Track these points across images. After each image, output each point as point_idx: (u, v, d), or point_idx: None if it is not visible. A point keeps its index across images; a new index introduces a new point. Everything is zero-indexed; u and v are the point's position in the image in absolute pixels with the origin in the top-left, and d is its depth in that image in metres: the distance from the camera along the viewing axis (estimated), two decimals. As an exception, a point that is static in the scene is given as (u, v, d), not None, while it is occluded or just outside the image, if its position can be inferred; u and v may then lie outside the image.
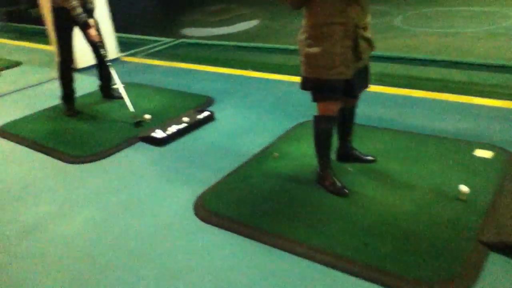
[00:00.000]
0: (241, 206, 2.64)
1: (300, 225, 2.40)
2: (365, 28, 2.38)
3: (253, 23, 10.09)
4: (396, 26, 8.62)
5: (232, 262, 2.21)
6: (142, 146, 3.56)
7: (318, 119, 2.61)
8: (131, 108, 3.97)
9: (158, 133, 3.57)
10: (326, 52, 2.34)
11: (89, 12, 4.00)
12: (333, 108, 2.54)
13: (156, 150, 3.48)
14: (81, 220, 2.68)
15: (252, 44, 6.46)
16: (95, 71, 4.51)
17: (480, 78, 4.25)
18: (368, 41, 2.42)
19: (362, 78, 2.55)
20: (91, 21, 3.96)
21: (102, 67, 4.38)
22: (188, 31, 9.96)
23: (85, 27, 3.94)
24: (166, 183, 3.00)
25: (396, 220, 2.36)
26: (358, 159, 2.92)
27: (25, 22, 10.03)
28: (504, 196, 2.41)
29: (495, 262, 2.05)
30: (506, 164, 2.73)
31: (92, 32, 3.96)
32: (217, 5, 13.11)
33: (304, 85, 2.52)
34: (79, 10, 3.81)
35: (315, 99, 2.53)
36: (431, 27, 8.25)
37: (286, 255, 2.22)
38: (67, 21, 3.96)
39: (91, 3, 4.05)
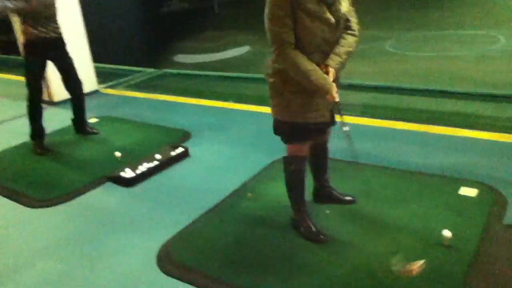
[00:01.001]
0: (209, 255, 2.46)
1: (273, 279, 2.22)
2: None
3: (244, 49, 10.10)
4: (387, 50, 8.63)
5: None
6: (111, 186, 3.40)
7: (288, 160, 2.47)
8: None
9: (127, 173, 3.41)
10: (309, 96, 2.22)
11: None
12: (304, 148, 2.41)
13: (125, 191, 3.32)
14: (37, 274, 2.49)
15: (235, 74, 6.39)
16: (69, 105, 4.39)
17: (468, 108, 4.15)
18: (337, 79, 2.31)
19: (332, 113, 2.41)
20: None
21: (77, 99, 4.27)
22: (178, 58, 9.95)
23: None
24: (132, 229, 2.83)
25: (376, 271, 2.19)
26: (336, 200, 2.76)
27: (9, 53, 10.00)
28: (489, 242, 2.25)
29: (482, 319, 1.88)
30: (491, 203, 2.58)
31: None
32: (209, 32, 13.20)
33: (277, 130, 2.39)
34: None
35: (287, 140, 2.40)
36: (422, 51, 8.26)
37: None
38: (39, 52, 3.87)
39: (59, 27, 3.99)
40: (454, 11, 11.55)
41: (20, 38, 4.21)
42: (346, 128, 2.31)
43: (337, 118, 2.38)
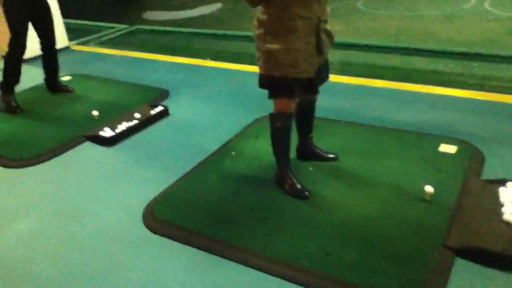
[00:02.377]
0: (194, 213, 2.42)
1: (257, 234, 2.21)
2: (326, 22, 2.20)
3: (216, 6, 9.73)
4: (358, 9, 8.50)
5: (183, 277, 2.00)
6: (89, 146, 3.27)
7: (274, 117, 2.41)
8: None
9: (107, 132, 3.28)
10: (289, 49, 2.14)
11: None
12: (291, 105, 2.35)
13: (104, 150, 3.20)
14: (16, 233, 2.40)
15: (211, 31, 6.16)
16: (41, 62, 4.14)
17: (442, 65, 4.15)
18: (329, 35, 2.24)
19: (322, 72, 2.36)
20: None
21: (50, 56, 4.02)
22: (148, 15, 9.51)
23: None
24: (113, 187, 2.74)
25: (359, 225, 2.21)
26: (319, 157, 2.74)
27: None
28: (468, 196, 2.30)
29: (462, 268, 1.93)
30: (470, 159, 2.62)
31: None
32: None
33: (263, 83, 2.32)
34: None
35: (272, 95, 2.33)
36: (393, 10, 8.17)
37: (242, 268, 2.03)
38: (20, 4, 3.62)
39: None
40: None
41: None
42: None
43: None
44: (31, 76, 4.51)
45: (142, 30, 6.61)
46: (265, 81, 2.31)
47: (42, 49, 4.02)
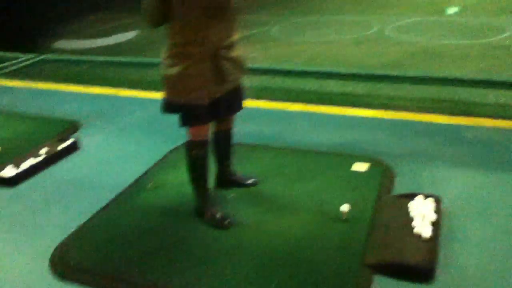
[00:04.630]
0: (108, 254, 2.24)
1: (176, 271, 2.08)
2: (230, 48, 2.16)
3: (133, 33, 9.51)
4: (273, 36, 8.76)
5: None
6: (-12, 188, 2.94)
7: (189, 145, 2.34)
8: None
9: (8, 171, 2.98)
10: (183, 74, 2.11)
11: None
12: (203, 132, 2.29)
13: (6, 191, 2.89)
14: None
15: (125, 59, 5.96)
16: None
17: (352, 87, 4.33)
18: (235, 62, 2.20)
19: (233, 100, 2.33)
20: None
21: None
22: (60, 43, 9.03)
23: None
24: (18, 233, 2.47)
25: (282, 250, 2.17)
26: (239, 184, 2.69)
27: None
28: (381, 212, 2.36)
29: (381, 285, 1.95)
30: (381, 177, 2.71)
31: None
32: (96, 14, 12.20)
33: (165, 108, 2.26)
34: None
35: (182, 123, 2.26)
36: (305, 36, 8.52)
37: None
38: None
39: None
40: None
41: None
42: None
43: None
44: None
45: (51, 59, 6.21)
46: (166, 106, 2.26)
47: None
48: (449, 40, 6.53)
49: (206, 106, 2.17)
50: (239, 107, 2.42)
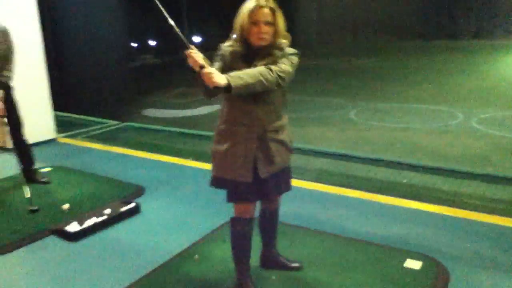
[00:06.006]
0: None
1: None
2: (278, 131, 2.35)
3: (215, 107, 10.29)
4: (351, 119, 8.96)
5: None
6: (53, 240, 3.28)
7: (233, 221, 2.49)
8: (27, 193, 3.80)
9: (73, 226, 3.32)
10: (228, 152, 2.30)
11: (2, 84, 3.87)
12: (248, 210, 2.43)
13: (67, 246, 3.21)
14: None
15: (197, 132, 6.46)
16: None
17: (418, 180, 4.30)
18: (283, 144, 2.38)
19: (280, 181, 2.47)
20: None
21: (19, 148, 4.19)
22: (147, 112, 10.04)
23: None
24: (70, 285, 2.71)
25: None
26: (283, 266, 2.75)
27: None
28: (430, 316, 2.28)
29: None
30: (434, 277, 2.62)
31: None
32: (180, 88, 13.42)
33: (212, 182, 2.44)
34: None
35: (228, 199, 2.43)
36: (384, 122, 8.61)
37: None
38: None
39: (5, 76, 3.90)
40: (415, 86, 12.22)
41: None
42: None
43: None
44: (11, 165, 4.67)
45: (131, 127, 6.93)
46: (212, 180, 2.43)
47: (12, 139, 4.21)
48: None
49: (251, 185, 2.33)
50: (286, 188, 2.54)
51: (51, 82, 5.86)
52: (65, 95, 7.98)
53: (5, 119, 3.95)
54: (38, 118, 4.79)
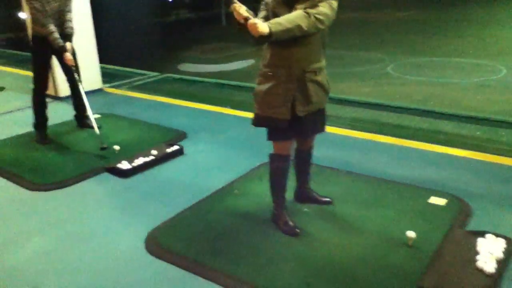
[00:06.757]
0: (193, 242, 2.73)
1: (249, 265, 2.49)
2: (316, 72, 2.54)
3: (249, 62, 10.46)
4: (388, 73, 8.94)
5: None
6: (107, 177, 3.67)
7: (272, 157, 2.76)
8: (97, 130, 4.20)
9: (124, 165, 3.70)
10: (270, 92, 2.52)
11: (67, 37, 4.22)
12: (286, 147, 2.69)
13: (120, 181, 3.59)
14: (31, 249, 2.75)
15: (234, 83, 6.70)
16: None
17: (447, 127, 4.43)
18: (320, 85, 2.58)
19: (316, 121, 2.70)
20: (67, 44, 4.17)
21: (76, 96, 4.56)
22: (181, 66, 10.32)
23: (61, 52, 4.14)
24: (123, 216, 3.10)
25: (343, 263, 2.46)
26: (315, 201, 3.03)
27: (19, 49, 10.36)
28: (449, 244, 2.52)
29: (432, 309, 2.14)
30: (457, 212, 2.85)
31: (67, 56, 4.15)
32: (214, 43, 13.60)
33: (254, 121, 2.69)
34: (56, 35, 4.05)
35: (268, 137, 2.69)
36: (422, 76, 8.55)
37: None
38: (44, 48, 4.18)
39: (70, 28, 4.26)
40: (455, 39, 11.91)
41: (29, 34, 4.53)
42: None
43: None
44: (65, 112, 5.09)
45: (171, 78, 7.24)
46: (254, 118, 2.68)
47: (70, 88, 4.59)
48: None
49: (289, 123, 2.57)
50: (321, 129, 2.78)
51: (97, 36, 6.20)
52: (108, 49, 8.33)
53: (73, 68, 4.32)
54: (86, 69, 5.15)
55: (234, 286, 2.34)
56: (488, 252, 2.37)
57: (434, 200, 2.98)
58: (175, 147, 4.02)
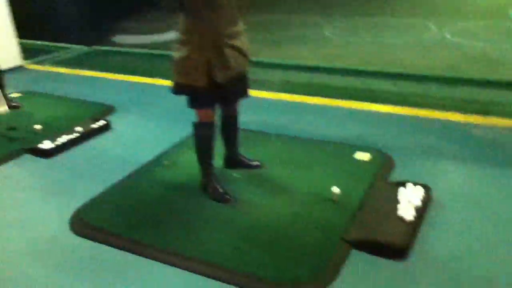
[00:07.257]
0: (120, 217, 2.68)
1: (178, 235, 2.48)
2: (233, 37, 2.50)
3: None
4: (326, 36, 9.00)
5: (107, 278, 2.24)
6: (28, 159, 3.51)
7: (196, 126, 2.73)
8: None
9: (46, 144, 3.54)
10: (186, 58, 2.47)
11: None
12: (209, 114, 2.66)
13: (42, 162, 3.44)
14: None
15: (165, 52, 6.51)
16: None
17: (378, 86, 4.56)
18: (239, 50, 2.54)
19: (238, 87, 2.68)
20: None
21: None
22: (116, 38, 9.90)
23: None
24: (47, 197, 2.98)
25: (271, 224, 2.50)
26: (245, 166, 3.05)
27: None
28: (372, 196, 2.63)
29: (356, 259, 2.23)
30: (381, 166, 2.96)
31: None
32: (150, 13, 13.11)
33: (173, 89, 2.63)
34: None
35: (189, 105, 2.65)
36: (360, 37, 8.69)
37: (166, 267, 2.28)
38: None
39: None
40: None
41: None
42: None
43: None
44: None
45: (98, 50, 6.93)
46: (173, 87, 2.61)
47: None
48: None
49: (209, 90, 2.52)
50: (244, 94, 2.77)
51: (15, 10, 5.81)
52: (30, 23, 7.84)
53: None
54: (1, 46, 4.86)
55: (165, 260, 2.33)
56: (407, 201, 2.49)
57: (359, 155, 3.08)
58: (101, 122, 3.88)
